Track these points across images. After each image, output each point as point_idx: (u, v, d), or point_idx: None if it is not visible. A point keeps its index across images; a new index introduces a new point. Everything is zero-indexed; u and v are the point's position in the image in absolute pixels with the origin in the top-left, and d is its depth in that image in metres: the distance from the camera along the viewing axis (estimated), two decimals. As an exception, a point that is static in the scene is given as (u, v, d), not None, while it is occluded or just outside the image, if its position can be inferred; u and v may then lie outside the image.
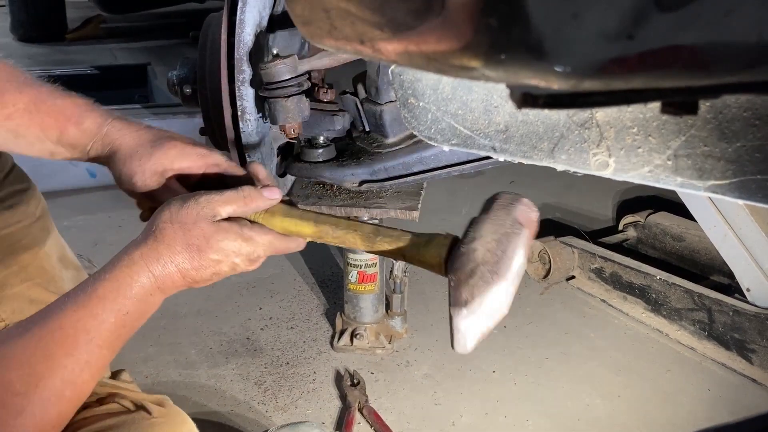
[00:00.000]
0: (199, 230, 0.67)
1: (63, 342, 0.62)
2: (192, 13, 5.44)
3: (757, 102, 0.52)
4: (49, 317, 0.63)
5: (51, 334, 0.62)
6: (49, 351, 0.61)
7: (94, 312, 0.63)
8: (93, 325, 0.63)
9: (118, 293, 0.65)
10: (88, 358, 0.62)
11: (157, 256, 0.66)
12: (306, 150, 1.38)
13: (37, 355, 0.61)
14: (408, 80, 0.70)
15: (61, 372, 0.61)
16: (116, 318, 0.64)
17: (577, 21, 0.32)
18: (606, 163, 0.60)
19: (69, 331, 0.62)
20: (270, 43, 1.25)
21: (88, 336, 0.63)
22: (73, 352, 0.62)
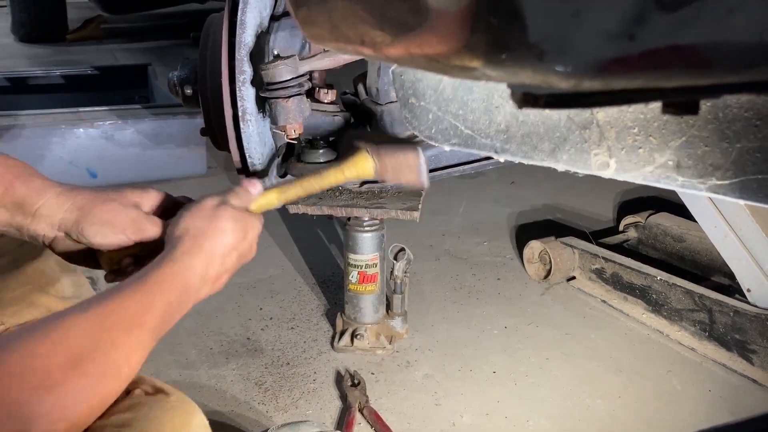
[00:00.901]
0: (227, 214, 0.77)
1: (122, 321, 0.65)
2: (193, 13, 5.45)
3: (758, 102, 0.52)
4: (108, 298, 0.66)
5: (111, 312, 0.65)
6: (111, 327, 0.64)
7: (147, 298, 0.68)
8: (145, 309, 0.67)
9: (166, 283, 0.70)
10: (140, 340, 0.65)
11: (198, 246, 0.74)
12: (306, 151, 1.38)
13: (98, 331, 0.63)
14: (409, 80, 0.70)
15: (121, 348, 0.64)
16: (162, 305, 0.68)
17: (577, 20, 0.32)
18: (607, 163, 0.60)
19: (127, 312, 0.66)
20: (271, 43, 1.25)
21: (141, 319, 0.66)
22: (130, 332, 0.65)
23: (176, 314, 0.72)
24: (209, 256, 0.74)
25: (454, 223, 2.23)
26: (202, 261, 0.73)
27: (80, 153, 2.37)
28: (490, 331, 1.64)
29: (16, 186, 0.77)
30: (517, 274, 1.90)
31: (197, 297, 0.75)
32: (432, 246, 2.07)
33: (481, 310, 1.73)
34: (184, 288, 0.72)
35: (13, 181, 0.77)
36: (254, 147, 1.27)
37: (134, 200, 0.82)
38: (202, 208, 0.77)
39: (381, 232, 1.48)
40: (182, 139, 2.48)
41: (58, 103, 2.60)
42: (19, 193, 0.77)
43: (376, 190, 1.40)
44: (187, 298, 0.73)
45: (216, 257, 0.75)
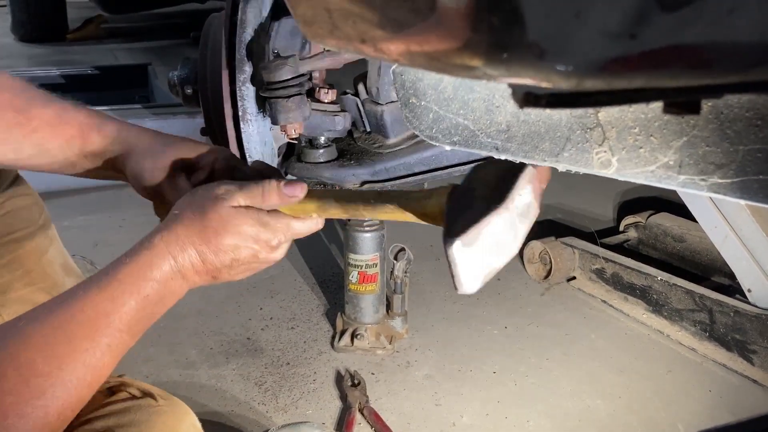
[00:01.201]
0: (217, 214, 0.68)
1: (84, 325, 0.61)
2: (193, 13, 5.45)
3: (759, 102, 0.52)
4: (71, 300, 0.63)
5: (72, 317, 0.62)
6: (71, 333, 0.61)
7: (114, 295, 0.63)
8: (112, 308, 0.63)
9: (138, 276, 0.65)
10: (109, 342, 0.62)
11: (176, 237, 0.67)
12: (307, 150, 1.38)
13: (58, 337, 0.60)
14: (409, 80, 0.70)
15: (83, 355, 0.61)
16: (136, 301, 0.64)
17: (579, 20, 0.32)
18: (608, 162, 0.59)
19: (90, 314, 0.62)
20: (271, 43, 1.25)
21: (108, 319, 0.62)
22: (94, 336, 0.62)
23: (156, 307, 0.67)
24: (195, 251, 0.68)
25: (455, 223, 2.23)
26: (182, 253, 0.67)
27: (80, 153, 2.36)
28: (491, 331, 1.64)
29: (92, 138, 0.82)
30: (517, 274, 1.90)
31: (183, 287, 0.69)
32: (432, 246, 2.07)
33: (481, 310, 1.73)
34: (161, 279, 0.66)
35: (89, 132, 0.82)
36: (254, 146, 1.27)
37: (175, 156, 0.82)
38: (204, 197, 0.70)
39: (381, 232, 1.48)
40: (182, 139, 2.48)
41: (59, 103, 2.59)
42: (96, 143, 0.82)
43: (377, 191, 1.40)
44: (168, 290, 0.67)
45: (202, 253, 0.68)
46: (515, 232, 0.61)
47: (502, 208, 0.61)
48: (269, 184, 0.72)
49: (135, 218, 2.21)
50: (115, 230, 2.11)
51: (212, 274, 0.70)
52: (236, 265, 0.70)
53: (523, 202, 0.62)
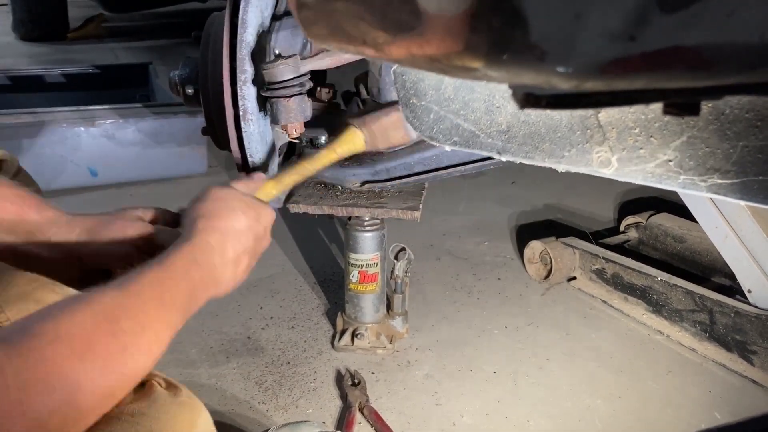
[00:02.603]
0: (236, 196, 0.79)
1: (152, 300, 0.65)
2: (194, 12, 5.45)
3: (759, 103, 0.52)
4: (135, 279, 0.66)
5: (141, 292, 0.65)
6: (144, 304, 0.64)
7: (170, 278, 0.68)
8: (171, 286, 0.68)
9: (185, 259, 0.71)
10: (168, 320, 0.66)
11: (211, 225, 0.75)
12: (308, 150, 1.38)
13: (135, 306, 0.64)
14: (410, 80, 0.70)
15: (153, 326, 0.64)
16: (186, 283, 0.69)
17: (579, 22, 0.32)
18: (608, 163, 0.60)
19: (156, 290, 0.66)
20: (272, 43, 1.25)
21: (170, 297, 0.67)
22: (159, 311, 0.65)
23: (201, 294, 0.72)
24: (224, 233, 0.75)
25: (455, 223, 2.23)
26: (218, 239, 0.74)
27: (81, 152, 2.37)
28: (491, 331, 1.64)
29: (30, 215, 0.81)
30: (517, 274, 1.90)
31: (221, 278, 0.76)
32: (433, 246, 2.07)
33: (481, 310, 1.73)
34: (205, 266, 0.72)
35: (26, 210, 0.81)
36: (255, 146, 1.27)
37: (137, 215, 0.86)
38: (209, 194, 0.79)
39: (382, 232, 1.48)
40: (183, 138, 2.48)
41: (59, 102, 2.60)
42: (32, 221, 0.81)
43: (377, 190, 1.41)
44: (211, 277, 0.74)
45: (231, 235, 0.76)
46: None
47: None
48: (244, 176, 0.91)
49: (136, 217, 2.21)
50: (116, 229, 2.10)
51: (240, 257, 0.78)
52: (254, 245, 0.80)
53: None
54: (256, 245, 0.81)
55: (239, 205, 0.79)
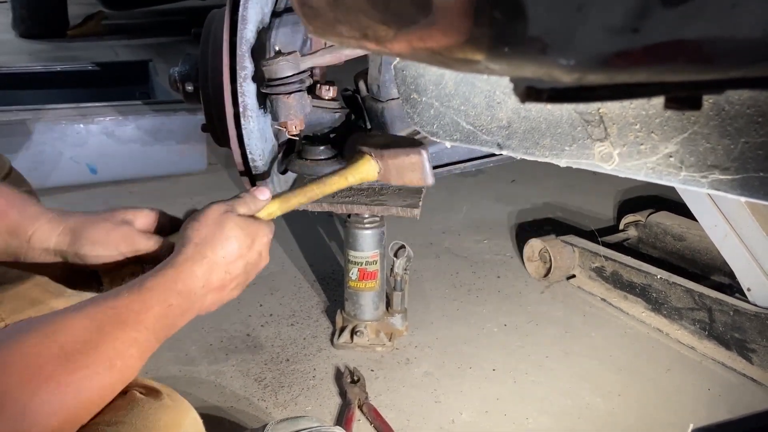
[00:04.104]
0: (232, 222, 0.78)
1: (114, 318, 0.66)
2: (194, 9, 5.44)
3: (760, 99, 0.52)
4: (104, 299, 0.68)
5: (104, 311, 0.66)
6: (103, 323, 0.65)
7: (143, 298, 0.69)
8: (141, 309, 0.68)
9: (164, 286, 0.71)
10: (135, 337, 0.66)
11: (201, 254, 0.74)
12: (307, 147, 1.38)
13: (91, 327, 0.64)
14: (411, 76, 0.70)
15: (112, 342, 0.64)
16: (161, 307, 0.70)
17: (582, 14, 0.32)
18: (608, 158, 0.60)
19: (120, 310, 0.67)
20: (272, 40, 1.25)
21: (137, 317, 0.67)
22: (123, 329, 0.66)
23: (178, 319, 0.72)
24: (212, 263, 0.74)
25: (455, 220, 2.23)
26: (204, 268, 0.74)
27: (81, 149, 2.36)
28: (490, 328, 1.64)
29: (10, 214, 0.79)
30: (517, 272, 1.90)
31: (201, 304, 0.75)
32: (432, 243, 2.07)
33: (480, 307, 1.73)
34: (185, 292, 0.72)
35: (7, 209, 0.79)
36: (255, 143, 1.27)
37: (125, 218, 0.84)
38: (207, 216, 0.78)
39: (381, 229, 1.48)
40: (183, 136, 2.48)
41: (59, 99, 2.60)
42: (12, 220, 0.79)
43: (377, 188, 1.41)
44: (190, 304, 0.73)
45: (219, 265, 0.75)
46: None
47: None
48: (248, 194, 0.84)
49: (135, 214, 2.20)
50: (115, 226, 2.10)
51: (227, 284, 0.77)
52: (245, 272, 0.79)
53: None
54: (248, 271, 0.80)
55: (235, 233, 0.77)
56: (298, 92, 1.20)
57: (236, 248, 0.77)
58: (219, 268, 0.75)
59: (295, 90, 1.19)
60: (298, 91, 1.20)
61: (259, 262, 0.82)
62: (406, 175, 0.98)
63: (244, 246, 0.78)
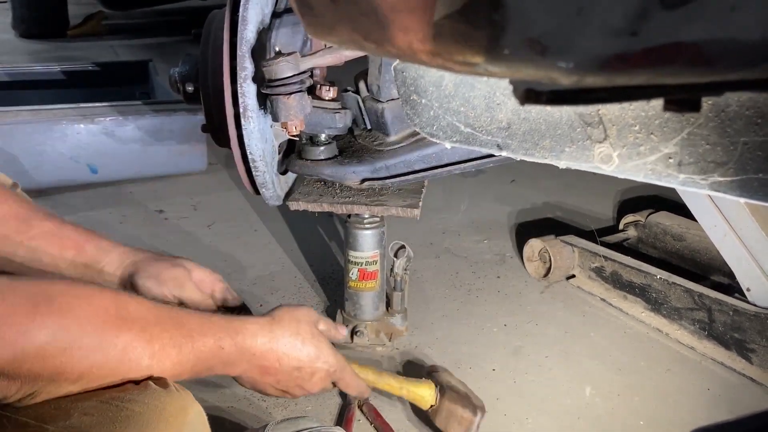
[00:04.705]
0: (308, 326, 0.85)
1: (168, 321, 0.73)
2: (194, 9, 5.45)
3: (759, 100, 0.52)
4: (169, 306, 0.76)
5: (168, 312, 0.74)
6: (156, 319, 0.73)
7: (203, 321, 0.76)
8: (196, 329, 0.75)
9: (226, 329, 0.77)
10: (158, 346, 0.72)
11: (270, 328, 0.82)
12: (307, 148, 1.38)
13: (149, 315, 0.72)
14: (410, 77, 0.70)
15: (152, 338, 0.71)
16: (213, 341, 0.76)
17: (581, 16, 0.32)
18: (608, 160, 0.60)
19: (179, 315, 0.74)
20: (272, 40, 1.26)
21: (189, 333, 0.75)
22: (171, 334, 0.73)
23: (215, 364, 0.78)
24: (273, 341, 0.81)
25: (455, 221, 2.23)
26: (265, 339, 0.81)
27: (81, 149, 2.37)
28: (490, 328, 1.65)
29: (87, 248, 0.90)
30: (516, 272, 1.90)
31: (241, 370, 0.81)
32: (432, 244, 2.07)
33: (480, 307, 1.74)
34: (239, 347, 0.78)
35: (84, 243, 0.90)
36: (255, 143, 1.27)
37: (185, 264, 0.94)
38: (298, 310, 0.88)
39: (381, 230, 1.48)
40: (183, 136, 2.48)
41: (59, 99, 2.60)
42: (89, 253, 0.90)
43: (377, 188, 1.41)
44: (235, 358, 0.79)
45: (276, 352, 0.82)
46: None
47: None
48: (338, 326, 0.97)
49: (136, 215, 2.21)
50: (117, 226, 2.11)
51: (270, 372, 0.83)
52: (292, 377, 0.85)
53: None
54: (294, 379, 0.86)
55: (311, 343, 0.84)
56: (299, 93, 1.20)
57: (301, 355, 0.84)
58: (274, 353, 0.82)
59: (296, 91, 1.19)
60: (299, 92, 1.20)
61: (305, 384, 0.87)
62: (451, 424, 1.09)
63: (307, 360, 0.84)
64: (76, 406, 0.64)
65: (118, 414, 0.65)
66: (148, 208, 2.26)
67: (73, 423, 0.61)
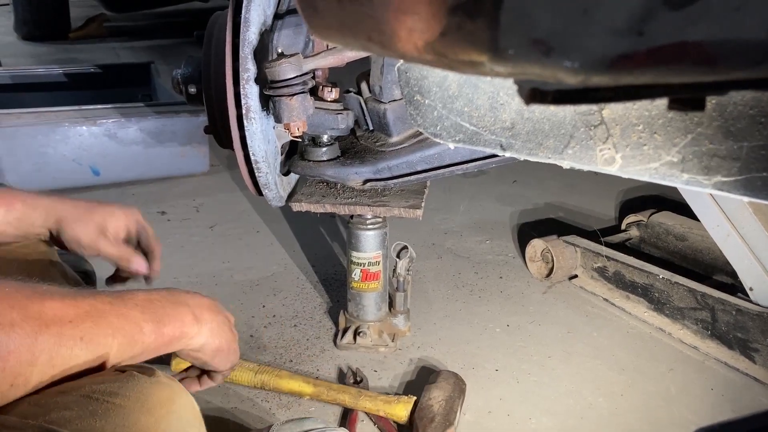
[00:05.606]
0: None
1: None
2: (196, 11, 5.46)
3: (764, 99, 0.52)
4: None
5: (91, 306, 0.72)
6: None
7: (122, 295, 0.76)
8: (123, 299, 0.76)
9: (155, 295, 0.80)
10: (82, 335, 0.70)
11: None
12: (310, 148, 1.38)
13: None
14: (414, 77, 0.70)
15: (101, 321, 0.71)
16: (144, 295, 0.78)
17: (586, 17, 0.33)
18: (612, 160, 0.60)
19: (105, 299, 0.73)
20: (275, 41, 1.26)
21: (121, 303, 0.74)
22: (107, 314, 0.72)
23: (166, 304, 0.79)
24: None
25: (457, 221, 2.23)
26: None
27: (83, 151, 2.37)
28: (493, 329, 1.65)
29: (16, 205, 0.97)
30: (519, 272, 1.90)
31: (183, 299, 0.83)
32: (434, 244, 2.07)
33: (483, 308, 1.74)
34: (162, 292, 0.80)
35: (13, 200, 0.97)
36: (258, 145, 1.28)
37: (99, 221, 1.01)
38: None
39: (384, 230, 1.48)
40: (185, 137, 2.49)
41: (61, 101, 2.60)
42: (18, 209, 0.97)
43: (379, 189, 1.41)
44: (169, 295, 0.81)
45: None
46: None
47: (452, 425, 1.21)
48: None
49: (138, 216, 2.21)
50: (118, 228, 2.11)
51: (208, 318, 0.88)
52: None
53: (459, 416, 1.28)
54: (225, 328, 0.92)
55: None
56: (301, 94, 1.20)
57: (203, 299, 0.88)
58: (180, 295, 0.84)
59: (298, 92, 1.20)
60: (301, 93, 1.20)
61: (227, 320, 0.94)
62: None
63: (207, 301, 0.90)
64: (57, 401, 0.64)
65: (99, 407, 0.64)
66: (150, 210, 2.26)
67: (53, 418, 0.61)
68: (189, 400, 0.76)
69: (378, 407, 1.27)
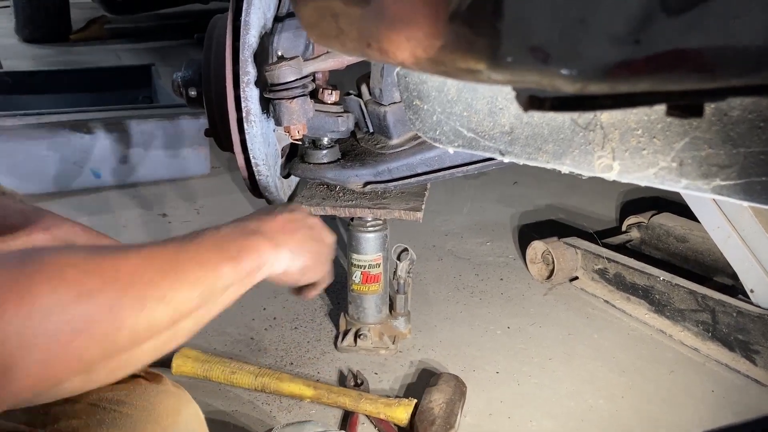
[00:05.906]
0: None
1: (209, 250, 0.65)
2: (196, 14, 5.46)
3: (762, 104, 0.52)
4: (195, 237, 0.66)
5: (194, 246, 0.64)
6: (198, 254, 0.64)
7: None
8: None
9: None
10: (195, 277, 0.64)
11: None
12: (310, 151, 1.38)
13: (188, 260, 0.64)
14: (413, 82, 0.70)
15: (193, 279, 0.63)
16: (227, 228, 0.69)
17: (584, 25, 0.33)
18: (610, 165, 0.60)
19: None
20: (275, 44, 1.26)
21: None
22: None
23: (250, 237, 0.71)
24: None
25: (457, 223, 2.23)
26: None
27: (84, 154, 2.37)
28: (493, 331, 1.65)
29: None
30: (520, 274, 1.90)
31: (272, 227, 0.75)
32: (435, 246, 2.07)
33: (484, 310, 1.74)
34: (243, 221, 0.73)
35: None
36: (258, 147, 1.28)
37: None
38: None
39: (384, 233, 1.48)
40: (186, 140, 2.49)
41: (62, 104, 2.61)
42: None
43: (380, 191, 1.41)
44: (256, 225, 0.74)
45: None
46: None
47: (453, 428, 1.23)
48: None
49: (137, 219, 2.22)
50: (120, 230, 2.11)
51: (292, 231, 0.76)
52: (309, 233, 0.78)
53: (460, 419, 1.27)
54: (312, 245, 0.79)
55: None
56: (301, 97, 1.21)
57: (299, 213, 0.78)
58: (275, 214, 0.76)
59: (298, 95, 1.20)
60: (301, 96, 1.20)
61: (323, 236, 0.80)
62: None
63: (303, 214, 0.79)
64: (65, 409, 0.63)
65: (106, 416, 0.64)
66: (151, 212, 2.26)
67: (62, 427, 0.61)
68: (195, 410, 0.76)
69: (378, 410, 1.27)
